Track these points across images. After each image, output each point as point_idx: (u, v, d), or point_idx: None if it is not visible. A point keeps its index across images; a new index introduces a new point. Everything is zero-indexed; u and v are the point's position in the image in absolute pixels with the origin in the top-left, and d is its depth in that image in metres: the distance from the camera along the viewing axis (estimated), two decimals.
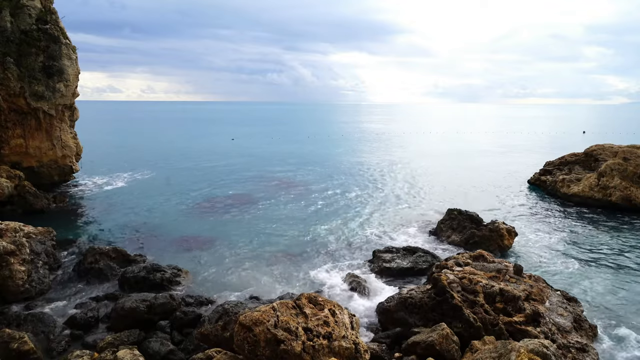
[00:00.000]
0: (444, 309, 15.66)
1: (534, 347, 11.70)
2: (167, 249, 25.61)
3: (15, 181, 32.98)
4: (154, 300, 17.35)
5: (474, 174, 51.01)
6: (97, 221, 31.14)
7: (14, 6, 34.73)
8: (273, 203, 36.61)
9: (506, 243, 25.35)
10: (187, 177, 48.33)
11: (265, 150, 74.36)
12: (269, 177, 48.74)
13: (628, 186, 34.56)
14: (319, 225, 30.45)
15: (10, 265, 18.77)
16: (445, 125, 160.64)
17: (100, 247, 23.06)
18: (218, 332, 14.01)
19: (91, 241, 26.55)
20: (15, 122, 35.66)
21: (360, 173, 51.87)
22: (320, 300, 13.09)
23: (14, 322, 16.48)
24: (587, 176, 37.86)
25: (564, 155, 44.12)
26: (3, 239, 19.60)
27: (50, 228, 23.78)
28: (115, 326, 16.68)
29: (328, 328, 12.06)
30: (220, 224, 30.68)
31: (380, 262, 22.42)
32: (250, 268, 22.89)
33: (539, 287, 17.18)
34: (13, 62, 33.77)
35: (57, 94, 36.21)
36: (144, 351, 14.48)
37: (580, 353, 14.18)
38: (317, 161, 61.56)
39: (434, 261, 22.03)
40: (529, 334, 14.25)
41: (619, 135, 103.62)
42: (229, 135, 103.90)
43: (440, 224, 28.46)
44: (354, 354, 11.91)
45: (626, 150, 36.94)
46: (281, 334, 11.48)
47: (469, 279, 16.67)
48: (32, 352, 14.15)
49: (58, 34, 36.34)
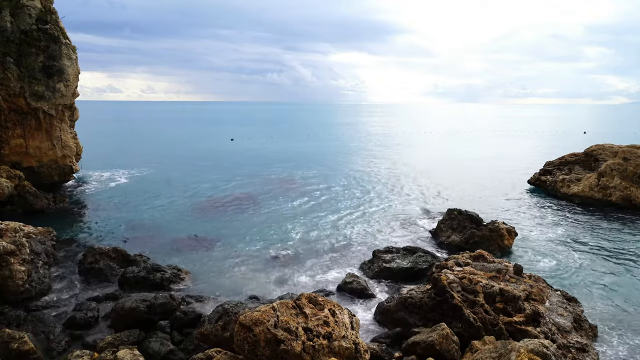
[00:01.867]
0: (444, 309, 15.66)
1: (534, 347, 11.70)
2: (167, 249, 25.61)
3: (15, 181, 32.98)
4: (154, 300, 17.34)
5: (474, 174, 51.01)
6: (97, 221, 31.13)
7: (14, 6, 34.73)
8: (273, 203, 36.61)
9: (506, 243, 25.35)
10: (187, 177, 48.33)
11: (266, 150, 74.37)
12: (269, 177, 48.74)
13: (628, 186, 34.56)
14: (319, 225, 30.46)
15: (10, 265, 18.76)
16: (446, 125, 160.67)
17: (100, 247, 23.06)
18: (218, 332, 14.00)
19: (91, 241, 26.54)
20: (15, 122, 35.66)
21: (360, 173, 51.87)
22: (320, 300, 13.08)
23: (14, 322, 16.49)
24: (587, 176, 37.86)
25: (564, 155, 44.11)
26: (3, 239, 19.60)
27: (50, 228, 23.78)
28: (115, 326, 16.68)
29: (328, 328, 12.06)
30: (220, 224, 30.67)
31: (380, 262, 22.41)
32: (250, 268, 22.90)
33: (539, 287, 17.18)
34: (13, 62, 33.77)
35: (57, 94, 36.21)
36: (144, 351, 14.48)
37: (580, 353, 14.18)
38: (317, 161, 61.56)
39: (434, 261, 22.03)
40: (529, 334, 14.25)
41: (619, 135, 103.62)
42: (229, 135, 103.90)
43: (440, 224, 28.45)
44: (354, 354, 11.91)
45: (626, 150, 36.94)
46: (281, 334, 11.48)
47: (469, 279, 16.67)
48: (32, 352, 14.14)
49: (58, 34, 36.34)
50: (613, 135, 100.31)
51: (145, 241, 26.95)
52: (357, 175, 50.54)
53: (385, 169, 55.22)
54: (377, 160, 62.92)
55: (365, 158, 65.70)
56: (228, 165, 56.83)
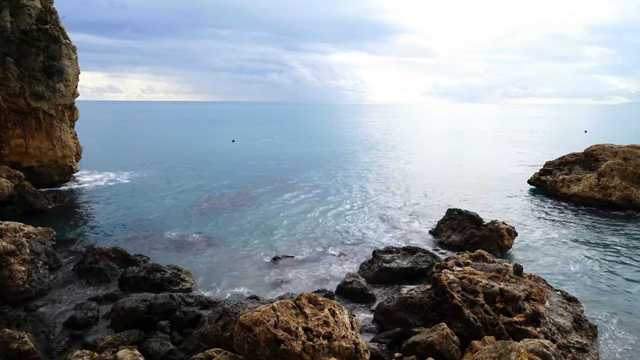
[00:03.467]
0: (444, 309, 15.65)
1: (534, 347, 11.69)
2: (167, 249, 25.62)
3: (15, 181, 32.98)
4: (154, 300, 17.34)
5: (474, 174, 51.01)
6: (97, 221, 31.13)
7: (14, 6, 34.74)
8: (273, 203, 36.62)
9: (506, 243, 25.34)
10: (187, 177, 48.35)
11: (266, 151, 74.39)
12: (269, 177, 48.74)
13: (628, 186, 34.55)
14: (319, 225, 30.47)
15: (10, 265, 18.76)
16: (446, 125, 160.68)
17: (100, 247, 23.06)
18: (218, 332, 13.99)
19: (91, 241, 26.54)
20: (15, 122, 35.68)
21: (360, 173, 51.89)
22: (320, 300, 13.08)
23: (14, 322, 16.49)
24: (587, 176, 37.86)
25: (564, 155, 44.11)
26: (3, 239, 19.60)
27: (50, 228, 23.78)
28: (115, 326, 16.67)
29: (328, 328, 12.05)
30: (220, 224, 30.68)
31: (380, 262, 22.40)
32: (250, 268, 22.90)
33: (539, 287, 17.18)
34: (13, 62, 33.78)
35: (57, 94, 36.22)
36: (144, 351, 14.47)
37: (580, 353, 14.18)
38: (317, 161, 61.58)
39: (434, 261, 22.02)
40: (529, 334, 14.24)
41: (619, 135, 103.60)
42: (228, 135, 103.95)
43: (440, 224, 28.45)
44: (354, 354, 11.90)
45: (626, 150, 36.93)
46: (281, 334, 11.47)
47: (469, 279, 16.66)
48: (32, 352, 14.14)
49: (58, 34, 36.35)
50: (613, 135, 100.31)
51: (145, 241, 26.95)
52: (357, 175, 50.55)
53: (385, 169, 55.24)
54: (378, 161, 62.94)
55: (365, 158, 65.71)
56: (228, 166, 56.85)
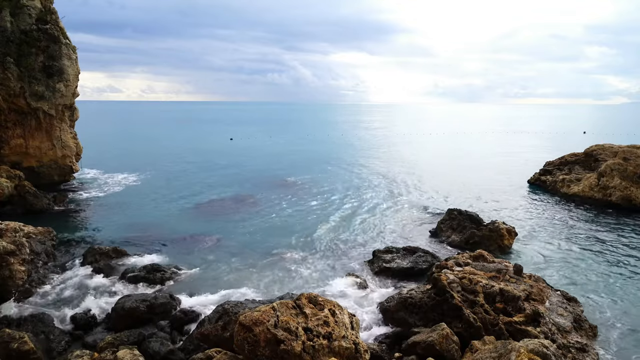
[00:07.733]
0: (444, 309, 15.66)
1: (534, 347, 11.70)
2: (167, 249, 25.60)
3: (15, 181, 32.97)
4: (154, 300, 17.35)
5: (474, 174, 50.99)
6: (97, 221, 31.13)
7: (14, 6, 34.73)
8: (273, 203, 36.61)
9: (506, 243, 25.35)
10: (187, 177, 48.34)
11: (266, 150, 74.37)
12: (268, 176, 48.72)
13: (628, 186, 34.55)
14: (318, 224, 30.44)
15: (10, 265, 18.77)
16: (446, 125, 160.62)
17: (100, 247, 23.06)
18: (218, 332, 14.00)
19: (91, 241, 26.53)
20: (15, 122, 35.66)
21: (360, 173, 51.87)
22: (320, 300, 13.08)
23: (14, 322, 16.49)
24: (587, 176, 37.86)
25: (564, 155, 44.12)
26: (3, 239, 19.60)
27: (50, 228, 23.78)
28: (115, 326, 16.68)
29: (328, 328, 12.05)
30: (220, 223, 30.67)
31: (380, 262, 22.42)
32: (250, 268, 22.89)
33: (539, 287, 17.18)
34: (13, 62, 33.76)
35: (57, 94, 36.20)
36: (144, 351, 14.47)
37: (580, 353, 14.18)
38: (317, 161, 61.54)
39: (434, 261, 22.02)
40: (529, 334, 14.25)
41: (619, 135, 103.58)
42: (228, 135, 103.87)
43: (440, 224, 28.46)
44: (354, 354, 11.91)
45: (626, 150, 36.93)
46: (281, 334, 11.48)
47: (469, 279, 16.67)
48: (32, 352, 14.14)
49: (58, 34, 36.32)
50: (613, 135, 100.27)
51: (146, 241, 26.92)
52: (356, 175, 50.52)
53: (385, 169, 55.19)
54: (377, 160, 62.91)
55: (365, 158, 65.66)
56: (228, 165, 56.80)
